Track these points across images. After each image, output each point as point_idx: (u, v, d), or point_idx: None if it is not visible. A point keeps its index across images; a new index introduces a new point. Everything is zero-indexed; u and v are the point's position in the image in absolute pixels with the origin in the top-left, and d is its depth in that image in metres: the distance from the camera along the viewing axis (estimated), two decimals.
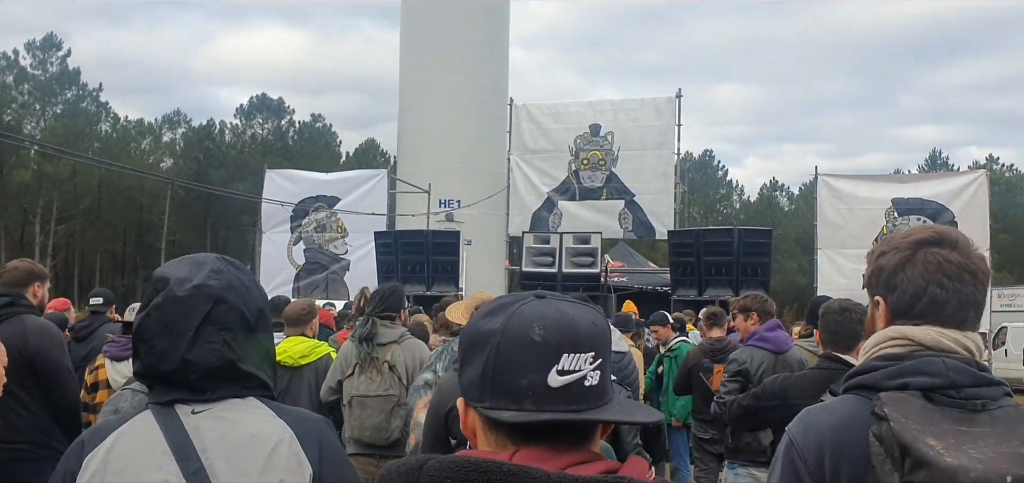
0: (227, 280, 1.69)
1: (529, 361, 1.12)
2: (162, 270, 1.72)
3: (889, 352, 1.66)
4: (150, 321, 1.64)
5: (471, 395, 1.16)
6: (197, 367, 1.61)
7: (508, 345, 1.13)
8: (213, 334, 1.63)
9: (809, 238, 44.05)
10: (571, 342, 1.13)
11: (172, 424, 1.59)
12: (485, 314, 1.19)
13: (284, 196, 17.91)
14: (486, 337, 1.15)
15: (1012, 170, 64.01)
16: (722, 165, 70.58)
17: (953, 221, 14.75)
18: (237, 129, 61.40)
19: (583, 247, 15.75)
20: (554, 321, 1.15)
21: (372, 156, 62.35)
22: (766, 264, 13.29)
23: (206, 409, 1.62)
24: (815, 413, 1.76)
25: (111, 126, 56.61)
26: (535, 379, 1.11)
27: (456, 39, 21.26)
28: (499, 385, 1.12)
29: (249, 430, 1.60)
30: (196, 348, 1.61)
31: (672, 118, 19.29)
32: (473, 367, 1.16)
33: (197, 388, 1.62)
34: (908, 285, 1.69)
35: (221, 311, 1.65)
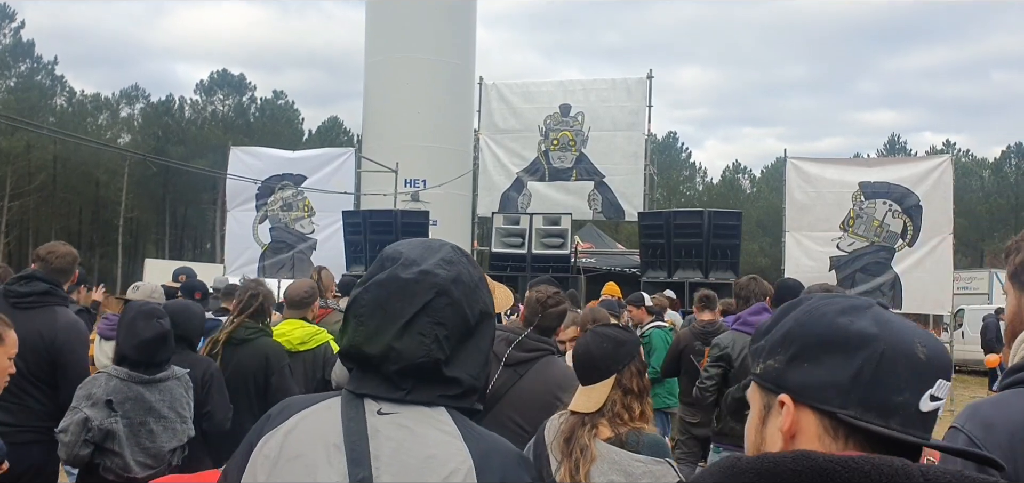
0: (457, 272, 1.55)
1: (909, 380, 1.06)
2: (393, 247, 1.60)
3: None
4: (367, 297, 1.52)
5: (822, 398, 1.07)
6: (401, 358, 1.47)
7: (892, 356, 1.06)
8: (427, 326, 1.49)
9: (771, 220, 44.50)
10: (946, 368, 1.09)
11: (355, 420, 1.46)
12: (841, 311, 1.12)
13: (249, 174, 17.60)
14: (859, 341, 1.07)
15: (968, 155, 65.29)
16: (686, 147, 71.13)
17: (918, 205, 14.94)
18: (197, 105, 60.47)
19: (553, 228, 15.73)
20: (932, 341, 1.10)
21: (336, 134, 61.83)
22: (735, 246, 13.38)
23: (392, 413, 1.47)
24: (988, 409, 1.64)
25: (66, 100, 55.40)
26: (910, 399, 1.06)
27: (423, 17, 21.06)
28: (872, 396, 1.05)
29: (427, 450, 1.44)
30: (405, 337, 1.48)
31: (643, 99, 19.28)
32: (828, 368, 1.08)
33: (394, 382, 1.49)
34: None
35: (442, 304, 1.50)
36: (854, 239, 15.30)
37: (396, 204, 17.12)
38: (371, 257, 14.34)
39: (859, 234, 15.27)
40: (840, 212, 15.35)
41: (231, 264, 17.66)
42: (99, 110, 58.12)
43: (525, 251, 15.38)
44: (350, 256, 14.84)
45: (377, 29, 22.07)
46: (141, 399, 3.85)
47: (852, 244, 15.32)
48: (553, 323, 3.86)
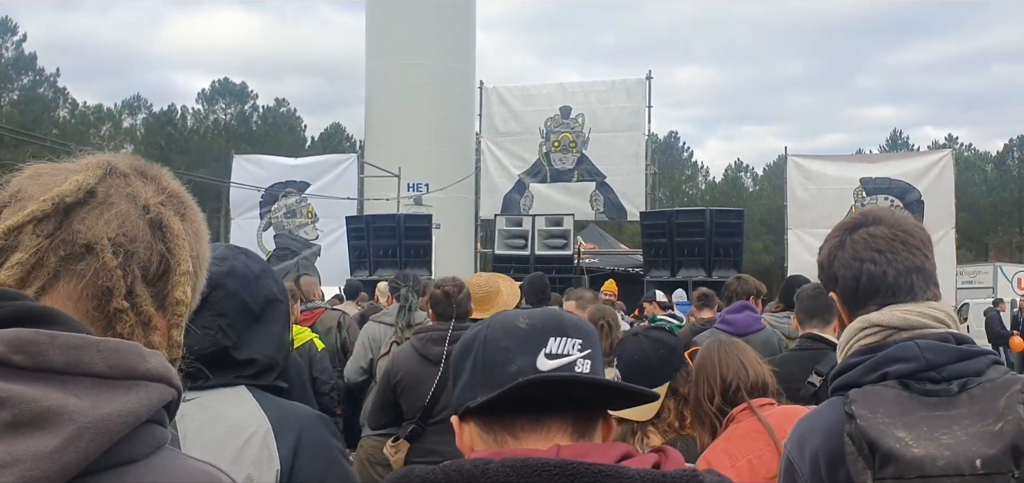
0: (229, 266, 1.68)
1: (515, 346, 1.11)
2: None
3: (864, 343, 1.63)
4: None
5: (462, 399, 1.14)
6: (191, 352, 1.57)
7: (494, 335, 1.13)
8: (208, 319, 1.62)
9: (774, 218, 44.50)
10: (557, 327, 1.14)
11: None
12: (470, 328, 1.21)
13: (252, 182, 17.69)
14: (472, 339, 1.16)
15: (970, 149, 65.13)
16: (687, 146, 71.07)
17: (920, 200, 14.99)
18: (199, 114, 60.53)
19: (556, 229, 15.77)
20: (539, 313, 1.17)
21: (338, 140, 61.84)
22: (738, 244, 13.41)
23: (195, 397, 1.60)
24: (805, 424, 1.71)
25: (69, 112, 55.52)
26: (524, 363, 1.10)
27: (422, 22, 21.11)
28: (490, 377, 1.10)
29: (227, 421, 1.59)
30: (190, 333, 1.58)
31: (642, 100, 19.34)
32: (463, 375, 1.15)
33: (190, 373, 1.54)
34: (844, 269, 1.70)
35: (218, 297, 1.64)
36: None
37: (399, 208, 17.18)
38: (375, 262, 14.40)
39: (899, 213, 15.34)
40: (842, 208, 15.37)
41: None
42: (102, 121, 58.22)
43: (528, 252, 15.41)
44: (354, 261, 14.90)
45: (377, 35, 22.13)
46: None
47: None
48: (468, 306, 4.07)
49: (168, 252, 0.97)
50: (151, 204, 0.98)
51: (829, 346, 3.92)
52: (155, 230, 0.97)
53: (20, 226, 0.90)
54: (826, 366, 3.81)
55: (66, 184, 0.94)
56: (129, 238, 0.94)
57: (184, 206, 1.04)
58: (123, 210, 0.95)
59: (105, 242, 0.91)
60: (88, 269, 0.90)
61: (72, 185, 0.94)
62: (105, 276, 0.90)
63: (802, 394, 3.78)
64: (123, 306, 0.91)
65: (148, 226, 0.96)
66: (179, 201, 1.04)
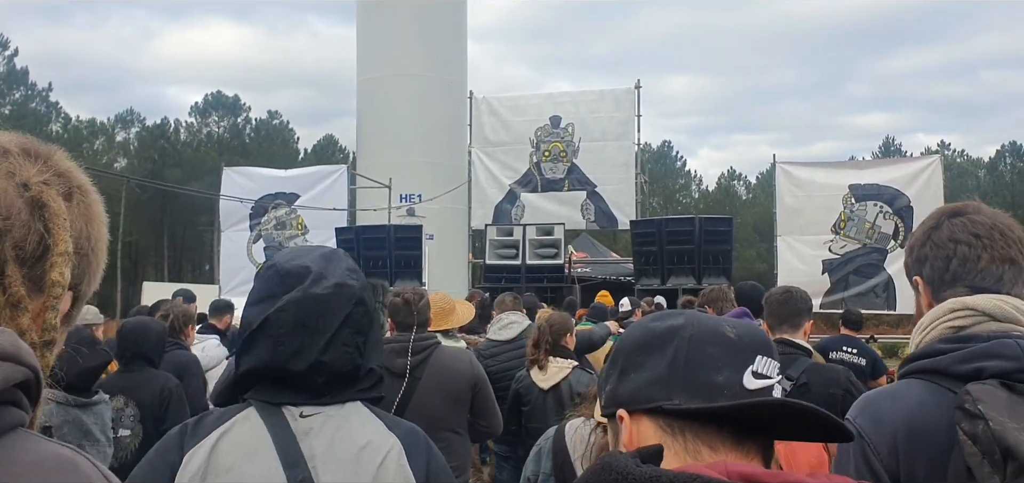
0: (363, 279, 1.65)
1: (725, 356, 1.04)
2: (294, 262, 1.62)
3: (953, 325, 1.56)
4: (286, 317, 1.54)
5: (649, 396, 1.05)
6: (328, 370, 1.54)
7: (701, 338, 1.05)
8: (349, 337, 1.57)
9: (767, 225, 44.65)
10: (764, 345, 1.08)
11: (280, 427, 1.52)
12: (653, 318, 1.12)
13: (242, 194, 17.66)
14: (668, 334, 1.07)
15: (962, 155, 65.39)
16: (680, 155, 71.22)
17: (909, 206, 15.01)
18: (192, 127, 60.54)
19: (546, 238, 15.78)
20: (743, 324, 1.10)
21: (331, 152, 61.86)
22: (727, 252, 13.41)
23: (315, 413, 1.54)
24: (882, 401, 1.62)
25: (62, 126, 55.47)
26: (732, 377, 1.03)
27: (413, 33, 21.13)
28: (693, 380, 1.03)
29: (359, 440, 1.53)
30: (331, 350, 1.54)
31: (631, 109, 19.39)
32: (651, 367, 1.06)
33: (318, 391, 1.55)
34: (936, 250, 1.67)
35: (359, 313, 1.59)
36: (846, 241, 15.37)
37: (390, 219, 17.17)
38: (365, 274, 14.33)
39: (851, 236, 15.34)
40: (831, 215, 15.43)
41: (226, 284, 17.69)
42: (95, 135, 58.18)
43: (519, 262, 15.41)
44: None
45: (368, 46, 22.14)
46: (78, 422, 3.78)
47: (844, 246, 15.39)
48: (428, 315, 4.04)
49: (46, 232, 0.93)
50: (32, 182, 0.95)
51: (800, 351, 3.91)
52: (34, 209, 0.94)
53: None
54: (796, 371, 3.80)
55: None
56: (3, 216, 0.91)
57: (72, 186, 1.02)
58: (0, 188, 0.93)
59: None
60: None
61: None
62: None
63: None
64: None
65: (26, 205, 0.93)
66: (67, 181, 1.01)
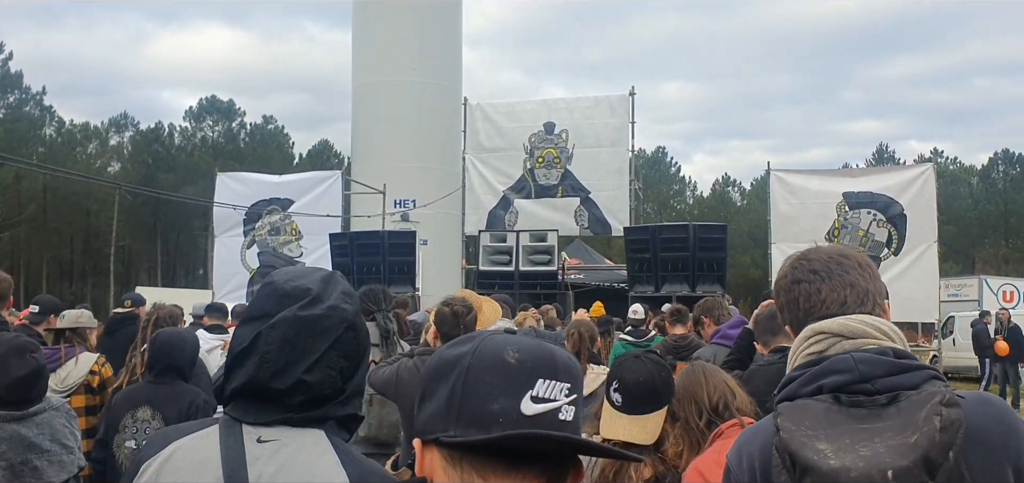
0: (357, 305, 1.63)
1: (501, 384, 1.03)
2: (292, 282, 1.62)
3: (810, 352, 1.67)
4: (275, 334, 1.54)
5: (433, 428, 1.05)
6: (309, 390, 1.53)
7: (479, 367, 1.05)
8: (335, 360, 1.56)
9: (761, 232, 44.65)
10: (548, 368, 1.06)
11: (233, 446, 1.51)
12: (451, 344, 1.11)
13: (236, 199, 17.62)
14: (453, 362, 1.07)
15: (956, 162, 65.63)
16: (675, 161, 71.37)
17: (902, 214, 15.05)
18: (186, 131, 60.48)
19: (540, 245, 15.79)
20: (530, 347, 1.08)
21: (326, 157, 61.83)
22: (722, 259, 13.42)
23: (272, 440, 1.52)
24: (747, 435, 1.76)
25: (56, 130, 55.34)
26: (507, 404, 1.02)
27: (408, 39, 21.14)
28: (467, 411, 1.03)
29: (307, 473, 1.50)
30: (315, 370, 1.54)
31: (626, 116, 19.43)
32: (436, 398, 1.07)
33: (290, 410, 1.54)
34: (786, 295, 1.78)
35: (349, 338, 1.58)
36: None
37: (384, 225, 17.16)
38: (359, 279, 14.34)
39: (844, 244, 15.37)
40: (825, 223, 15.45)
41: (219, 290, 17.63)
42: (88, 139, 58.07)
43: (513, 269, 15.42)
44: None
45: (363, 52, 22.15)
46: (17, 436, 3.62)
47: None
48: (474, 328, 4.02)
49: None
50: None
51: None
52: None
53: None
54: None
55: None
56: None
57: None
58: None
59: None
60: None
61: None
62: None
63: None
64: None
65: None
66: None
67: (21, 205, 48.36)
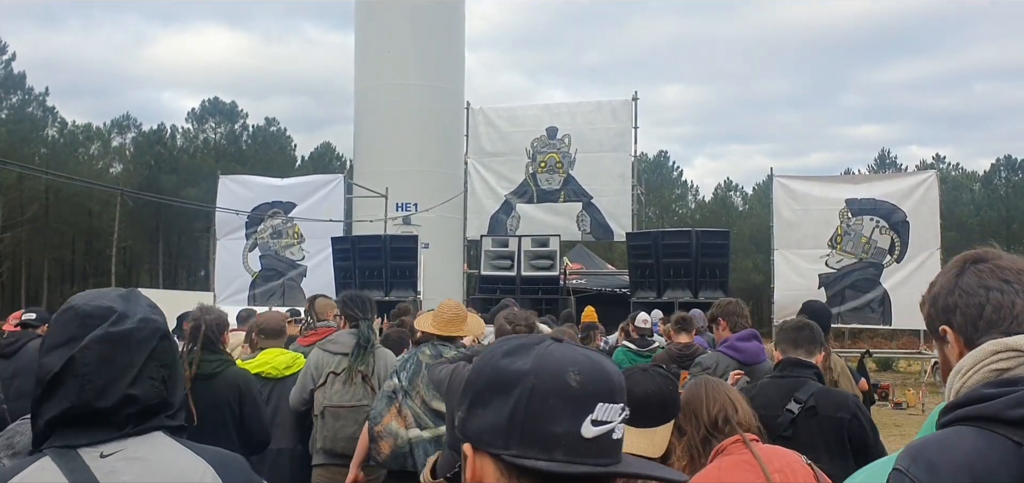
0: (163, 316, 1.67)
1: (565, 408, 1.06)
2: (93, 303, 1.61)
3: (996, 367, 1.48)
4: (90, 355, 1.54)
5: (490, 441, 1.07)
6: (137, 403, 1.55)
7: (542, 389, 1.06)
8: (156, 370, 1.59)
9: (763, 237, 44.70)
10: (606, 391, 1.09)
11: (79, 471, 1.47)
12: (505, 353, 1.12)
13: (238, 202, 17.62)
14: (514, 379, 1.08)
15: (957, 168, 65.59)
16: (676, 166, 71.34)
17: (905, 220, 15.03)
18: (189, 133, 60.51)
19: (542, 250, 15.75)
20: (588, 367, 1.10)
21: (328, 160, 61.92)
22: (724, 265, 13.40)
23: (116, 451, 1.52)
24: (933, 449, 1.48)
25: (58, 131, 55.37)
26: (569, 428, 1.05)
27: (411, 43, 21.15)
28: (530, 432, 1.05)
29: (169, 472, 1.53)
30: (139, 383, 1.56)
31: (628, 120, 19.42)
32: (494, 410, 1.08)
33: (120, 425, 1.54)
34: (966, 298, 1.58)
35: (165, 347, 1.62)
36: (842, 256, 15.38)
37: (387, 229, 17.15)
38: (361, 283, 14.32)
39: (847, 251, 15.35)
40: (828, 229, 15.44)
41: (221, 293, 17.64)
42: (91, 140, 58.10)
43: (515, 273, 15.39)
44: (340, 282, 14.82)
45: (366, 55, 22.16)
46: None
47: (841, 261, 15.39)
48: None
49: None
50: None
51: (810, 372, 3.89)
52: None
53: None
54: (805, 394, 3.77)
55: None
56: None
57: None
58: None
59: None
60: None
61: None
62: None
63: (779, 421, 3.74)
64: None
65: None
66: None
67: (23, 206, 48.40)
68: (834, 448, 3.66)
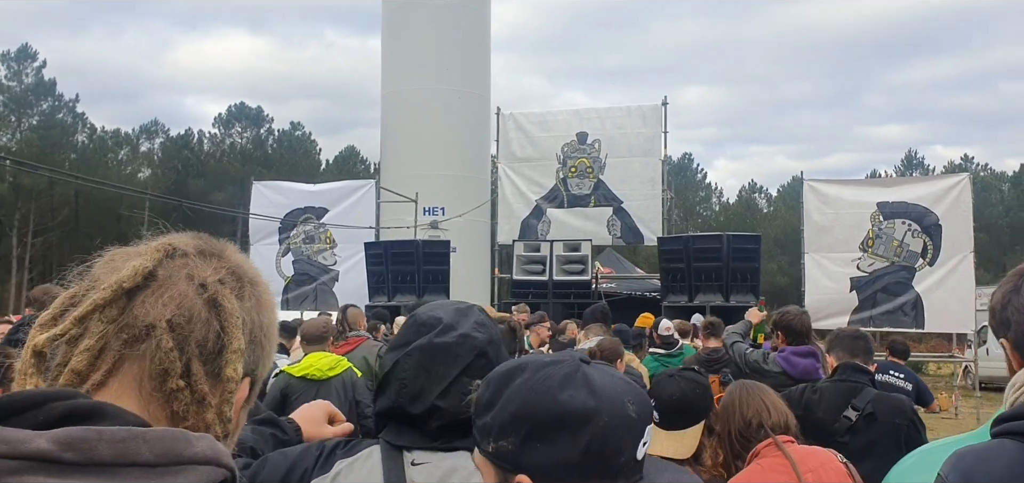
0: (490, 334, 1.72)
1: (628, 438, 1.15)
2: (429, 313, 1.74)
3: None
4: (411, 361, 1.66)
5: (559, 477, 1.13)
6: (444, 415, 1.63)
7: (614, 426, 1.14)
8: (467, 386, 1.60)
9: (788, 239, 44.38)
10: (649, 413, 1.21)
11: (395, 470, 1.62)
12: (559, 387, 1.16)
13: (272, 208, 17.84)
14: (583, 417, 1.13)
15: (986, 169, 64.85)
16: (700, 168, 71.05)
17: (937, 224, 14.94)
18: (215, 138, 61.03)
19: (573, 255, 15.84)
20: (638, 395, 1.19)
21: (353, 163, 62.18)
22: (755, 269, 13.42)
23: (425, 462, 1.62)
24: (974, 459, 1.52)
25: (87, 137, 56.04)
26: (630, 455, 1.15)
27: (437, 46, 21.26)
28: (602, 466, 1.13)
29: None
30: (449, 396, 1.63)
31: (658, 125, 19.44)
32: (561, 447, 1.13)
33: (433, 435, 1.64)
34: (1019, 315, 1.61)
35: (481, 364, 1.66)
36: (874, 259, 15.32)
37: (416, 234, 17.29)
38: (393, 288, 14.48)
39: (879, 254, 15.29)
40: (859, 233, 15.38)
41: None
42: (119, 145, 58.76)
43: (546, 278, 15.49)
44: (372, 287, 14.98)
45: (392, 60, 22.30)
46: None
47: (872, 264, 15.33)
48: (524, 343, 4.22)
49: (222, 330, 1.01)
50: (209, 282, 1.03)
51: (867, 379, 3.97)
52: (211, 308, 1.01)
53: (87, 314, 0.97)
54: (862, 401, 3.84)
55: (124, 270, 1.00)
56: (186, 318, 0.99)
57: (242, 282, 1.08)
58: (181, 291, 1.00)
59: (163, 324, 0.97)
60: (148, 350, 0.96)
61: (129, 271, 1.00)
62: (161, 357, 0.96)
63: (837, 427, 3.81)
64: (179, 385, 0.96)
65: (205, 305, 1.01)
66: (237, 278, 1.07)
67: (54, 211, 49.08)
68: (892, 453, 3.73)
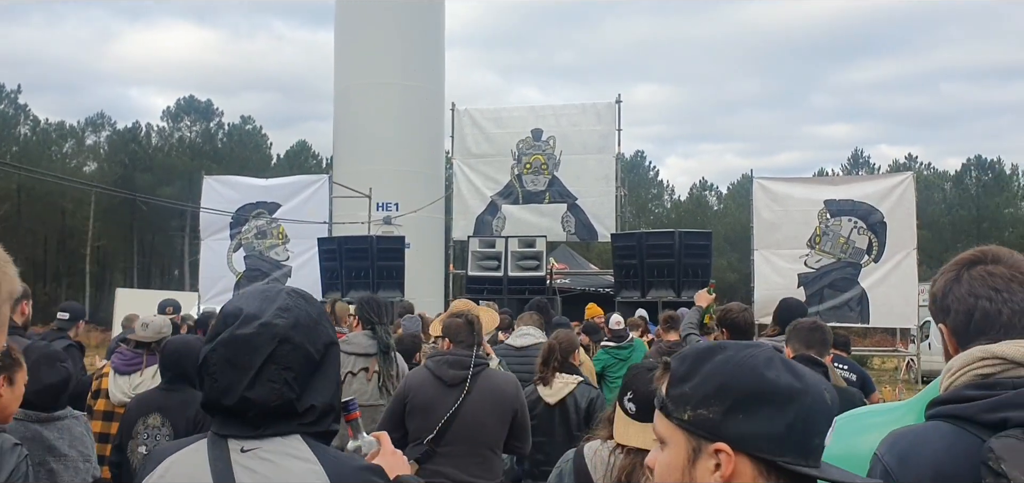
0: (294, 318, 1.68)
1: (825, 422, 1.25)
2: (233, 304, 1.73)
3: (979, 373, 1.61)
4: (215, 356, 1.66)
5: (764, 447, 1.22)
6: (255, 405, 1.63)
7: (816, 407, 1.23)
8: (275, 373, 1.63)
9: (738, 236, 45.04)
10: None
11: (221, 460, 1.62)
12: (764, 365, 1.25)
13: (223, 202, 17.60)
14: (788, 394, 1.22)
15: (929, 168, 66.49)
16: (653, 166, 71.76)
17: (882, 221, 15.31)
18: (164, 131, 59.95)
19: (528, 250, 15.89)
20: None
21: (305, 158, 61.60)
22: (706, 265, 13.60)
23: (255, 448, 1.63)
24: (909, 442, 1.64)
25: (31, 129, 54.69)
26: (821, 441, 1.24)
27: (392, 41, 21.20)
28: (804, 444, 1.22)
29: (287, 477, 1.61)
30: (257, 387, 1.62)
31: (612, 123, 19.59)
32: (766, 420, 1.21)
33: (253, 424, 1.64)
34: (958, 304, 1.71)
35: (285, 351, 1.65)
36: (821, 256, 15.64)
37: (370, 229, 17.20)
38: (347, 284, 14.40)
39: (826, 251, 15.61)
40: (807, 230, 15.68)
41: (206, 293, 17.61)
42: (64, 138, 57.43)
43: (501, 274, 15.51)
44: (326, 283, 14.87)
45: (346, 54, 22.16)
46: (40, 438, 3.75)
47: (819, 261, 15.65)
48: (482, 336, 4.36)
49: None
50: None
51: (821, 371, 4.05)
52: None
53: None
54: None
55: None
56: None
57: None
58: None
59: None
60: None
61: None
62: None
63: None
64: None
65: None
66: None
67: None
68: None
